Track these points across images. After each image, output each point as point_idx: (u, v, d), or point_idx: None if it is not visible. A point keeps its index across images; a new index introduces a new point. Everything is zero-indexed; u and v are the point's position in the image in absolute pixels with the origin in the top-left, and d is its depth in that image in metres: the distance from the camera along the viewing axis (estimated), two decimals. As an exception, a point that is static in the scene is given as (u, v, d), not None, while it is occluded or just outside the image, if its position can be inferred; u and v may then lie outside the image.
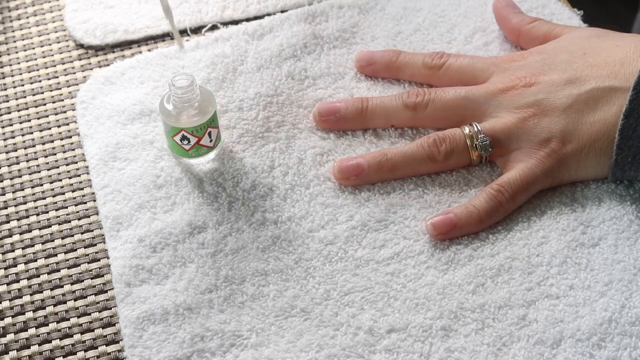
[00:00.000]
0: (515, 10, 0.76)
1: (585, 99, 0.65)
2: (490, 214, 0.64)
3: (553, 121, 0.65)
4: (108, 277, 0.63)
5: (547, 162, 0.64)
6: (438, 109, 0.68)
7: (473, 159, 0.67)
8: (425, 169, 0.67)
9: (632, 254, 0.62)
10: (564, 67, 0.67)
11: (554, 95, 0.66)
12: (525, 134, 0.65)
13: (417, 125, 0.70)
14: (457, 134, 0.66)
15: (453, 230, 0.63)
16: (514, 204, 0.64)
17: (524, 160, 0.65)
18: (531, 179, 0.64)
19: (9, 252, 0.65)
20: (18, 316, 0.62)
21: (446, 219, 0.63)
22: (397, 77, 0.74)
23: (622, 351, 0.57)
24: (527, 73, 0.68)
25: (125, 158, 0.69)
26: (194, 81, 0.65)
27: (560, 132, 0.65)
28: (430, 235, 0.63)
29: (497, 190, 0.64)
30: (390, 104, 0.70)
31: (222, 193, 0.67)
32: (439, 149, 0.66)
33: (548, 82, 0.66)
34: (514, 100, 0.67)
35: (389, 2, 0.80)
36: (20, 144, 0.72)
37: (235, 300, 0.61)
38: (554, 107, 0.65)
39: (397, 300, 0.61)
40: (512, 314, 0.60)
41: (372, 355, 0.58)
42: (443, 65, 0.71)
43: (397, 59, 0.73)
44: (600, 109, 0.64)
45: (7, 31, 0.81)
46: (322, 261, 0.63)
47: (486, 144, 0.66)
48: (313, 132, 0.71)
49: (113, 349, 0.60)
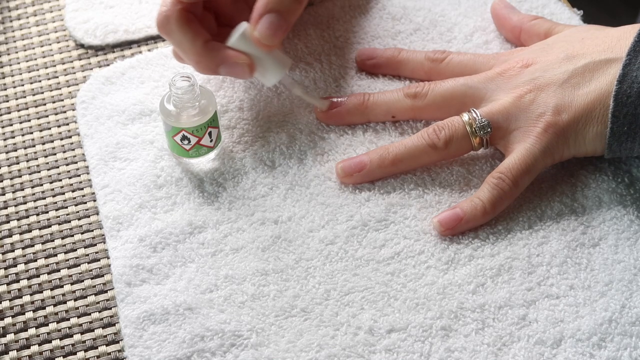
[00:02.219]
0: (514, 10, 0.76)
1: (581, 72, 0.65)
2: (495, 204, 0.63)
3: (549, 95, 0.65)
4: (108, 277, 0.63)
5: (545, 138, 0.64)
6: (438, 97, 0.68)
7: (474, 145, 0.66)
8: (427, 158, 0.67)
9: (632, 254, 0.62)
10: (562, 49, 0.67)
11: (551, 72, 0.66)
12: (522, 112, 0.65)
13: (417, 115, 0.70)
14: (456, 121, 0.66)
15: (460, 225, 0.63)
16: (517, 189, 0.64)
17: (522, 141, 0.65)
18: (530, 160, 0.64)
19: (9, 252, 0.65)
20: (18, 316, 0.62)
21: (452, 214, 0.63)
22: (398, 73, 0.74)
23: (623, 351, 0.57)
24: (525, 57, 0.68)
25: (126, 158, 0.69)
26: (194, 81, 0.65)
27: (554, 104, 0.64)
28: (438, 232, 0.64)
29: (497, 178, 0.64)
30: (390, 95, 0.70)
31: (222, 193, 0.67)
32: (439, 136, 0.66)
33: (545, 62, 0.67)
34: (511, 80, 0.67)
35: (389, 1, 0.80)
36: (20, 144, 0.72)
37: (236, 300, 0.61)
38: (550, 83, 0.65)
39: (397, 300, 0.61)
40: (512, 313, 0.60)
41: (372, 355, 0.58)
42: (445, 59, 0.72)
43: (399, 54, 0.74)
44: (596, 79, 0.64)
45: (7, 31, 0.81)
46: (322, 261, 0.63)
47: (484, 125, 0.65)
48: (313, 132, 0.71)
49: (113, 349, 0.60)
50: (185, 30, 0.65)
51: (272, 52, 0.66)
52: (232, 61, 0.65)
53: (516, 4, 0.79)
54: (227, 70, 0.66)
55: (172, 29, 0.65)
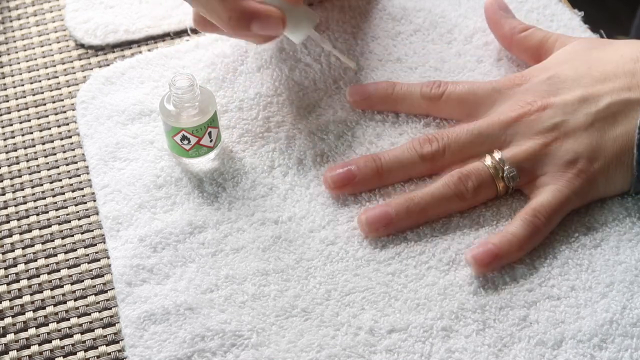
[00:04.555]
0: (507, 14, 0.75)
1: (604, 116, 0.64)
2: (529, 241, 0.62)
3: (577, 142, 0.64)
4: (108, 277, 0.63)
5: (577, 183, 0.63)
6: (456, 153, 0.66)
7: (499, 190, 0.65)
8: (455, 207, 0.65)
9: (633, 255, 0.62)
10: (572, 85, 0.66)
11: (572, 116, 0.64)
12: (550, 158, 0.64)
13: (438, 172, 0.67)
14: (481, 168, 0.64)
15: (496, 261, 0.61)
16: (549, 227, 0.63)
17: (552, 184, 0.63)
18: (563, 201, 0.63)
19: (9, 252, 0.65)
20: (18, 316, 0.62)
21: (487, 251, 0.61)
22: (394, 110, 0.71)
23: (623, 352, 0.57)
24: (536, 97, 0.66)
25: (125, 158, 0.69)
26: (194, 81, 0.65)
27: (586, 151, 0.63)
28: (473, 268, 0.61)
29: (532, 216, 0.62)
30: (405, 158, 0.67)
31: (222, 193, 0.67)
32: (467, 186, 0.64)
33: (561, 103, 0.65)
34: (532, 126, 0.65)
35: (389, 2, 0.80)
36: (20, 144, 0.72)
37: (236, 300, 0.61)
38: (575, 128, 0.64)
39: (397, 300, 0.61)
40: (513, 314, 0.60)
41: (373, 356, 0.58)
42: (443, 95, 0.69)
43: (393, 91, 0.71)
44: (621, 123, 0.64)
45: (7, 31, 0.80)
46: (323, 261, 0.63)
47: (514, 175, 0.64)
48: (313, 133, 0.71)
49: (113, 349, 0.60)
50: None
51: (299, 6, 0.65)
52: (265, 15, 0.63)
53: (517, 4, 0.79)
54: (260, 25, 0.63)
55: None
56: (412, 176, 0.67)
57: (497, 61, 0.75)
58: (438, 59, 0.75)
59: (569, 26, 0.77)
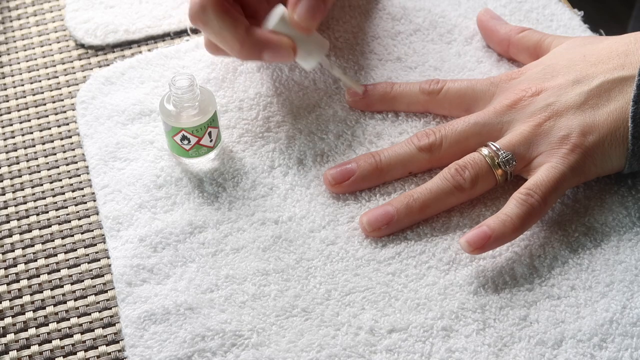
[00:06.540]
0: (501, 22, 0.75)
1: (597, 93, 0.64)
2: (524, 220, 0.61)
3: (569, 119, 0.64)
4: (108, 277, 0.63)
5: (571, 157, 0.63)
6: (453, 144, 0.66)
7: (498, 179, 0.64)
8: (455, 200, 0.65)
9: (633, 255, 0.62)
10: (567, 71, 0.66)
11: (565, 96, 0.65)
12: (544, 138, 0.64)
13: (436, 165, 0.67)
14: (477, 157, 0.65)
15: (489, 243, 0.61)
16: (545, 206, 0.62)
17: (547, 161, 0.63)
18: (558, 177, 0.62)
19: (9, 252, 0.65)
20: (18, 316, 0.62)
21: (480, 232, 0.61)
22: (393, 109, 0.72)
23: (623, 352, 0.57)
24: (531, 84, 0.67)
25: (125, 158, 0.69)
26: (194, 81, 0.65)
27: (580, 126, 0.63)
28: (466, 251, 0.61)
29: (525, 194, 0.62)
30: (403, 152, 0.67)
31: (222, 193, 0.67)
32: (464, 176, 0.64)
33: (555, 87, 0.66)
34: (525, 110, 0.65)
35: (389, 2, 0.80)
36: (20, 144, 0.72)
37: (236, 299, 0.61)
38: (568, 106, 0.64)
39: (398, 300, 0.61)
40: (513, 314, 0.60)
41: (373, 355, 0.58)
42: (441, 90, 0.70)
43: (391, 90, 0.71)
44: (615, 99, 0.64)
45: (7, 31, 0.80)
46: (323, 261, 0.63)
47: (509, 159, 0.64)
48: (313, 133, 0.71)
49: (113, 349, 0.60)
50: (224, 18, 0.63)
51: (311, 34, 0.66)
52: (276, 44, 0.64)
53: (516, 4, 0.79)
54: (271, 54, 0.64)
55: (210, 18, 0.64)
56: (412, 170, 0.67)
57: (497, 61, 0.75)
58: (438, 59, 0.75)
59: (568, 26, 0.77)
